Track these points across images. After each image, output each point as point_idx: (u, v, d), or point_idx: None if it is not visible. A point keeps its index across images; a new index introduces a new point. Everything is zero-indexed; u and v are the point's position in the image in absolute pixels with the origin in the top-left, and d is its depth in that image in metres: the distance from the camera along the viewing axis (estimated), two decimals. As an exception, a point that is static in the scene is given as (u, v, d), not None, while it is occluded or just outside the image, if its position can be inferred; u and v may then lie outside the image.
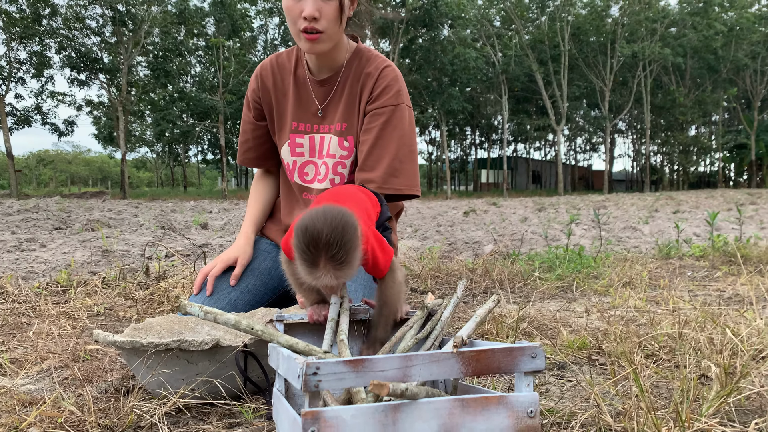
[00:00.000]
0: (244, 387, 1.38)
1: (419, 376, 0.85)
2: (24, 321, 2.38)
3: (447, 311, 1.20)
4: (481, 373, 0.88)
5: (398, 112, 1.78)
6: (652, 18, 39.67)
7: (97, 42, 30.77)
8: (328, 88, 1.86)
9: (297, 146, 1.89)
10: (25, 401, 1.40)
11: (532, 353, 0.90)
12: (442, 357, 0.86)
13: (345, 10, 1.70)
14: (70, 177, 68.30)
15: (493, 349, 0.89)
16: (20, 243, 5.41)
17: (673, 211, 12.94)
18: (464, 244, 5.94)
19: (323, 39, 1.69)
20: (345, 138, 1.84)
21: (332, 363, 0.82)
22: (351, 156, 1.85)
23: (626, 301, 2.57)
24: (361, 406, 0.83)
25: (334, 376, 0.81)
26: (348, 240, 1.05)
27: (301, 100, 1.89)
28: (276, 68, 1.93)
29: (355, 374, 0.82)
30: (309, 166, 1.91)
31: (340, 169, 1.86)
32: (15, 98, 30.83)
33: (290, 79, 1.90)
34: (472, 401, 0.85)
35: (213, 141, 43.15)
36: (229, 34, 33.24)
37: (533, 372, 0.90)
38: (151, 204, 17.70)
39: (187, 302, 1.15)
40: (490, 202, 20.39)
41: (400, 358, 0.85)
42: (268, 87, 1.93)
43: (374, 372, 0.83)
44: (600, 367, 1.62)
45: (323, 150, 1.87)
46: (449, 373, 0.86)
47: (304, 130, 1.89)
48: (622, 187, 65.32)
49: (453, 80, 35.92)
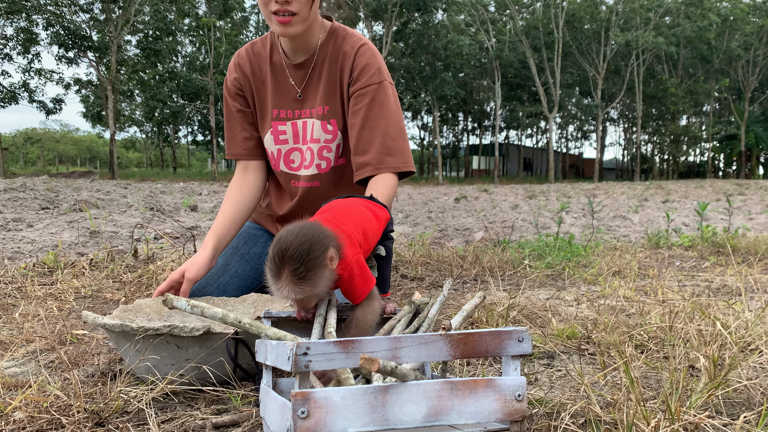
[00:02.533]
0: (233, 373, 1.37)
1: (408, 357, 0.85)
2: (10, 302, 2.35)
3: (434, 309, 1.20)
4: (469, 356, 0.88)
5: (382, 90, 1.74)
6: (647, 6, 39.61)
7: (86, 19, 30.28)
8: (305, 71, 1.82)
9: (280, 134, 1.86)
10: (10, 384, 1.39)
11: (519, 337, 0.91)
12: (431, 339, 0.86)
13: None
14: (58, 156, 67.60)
15: (480, 332, 0.89)
16: (6, 223, 5.35)
17: (662, 200, 13.01)
18: (455, 230, 5.94)
19: (296, 21, 1.64)
20: (328, 121, 1.80)
21: (322, 343, 0.81)
22: (336, 139, 1.82)
23: (615, 290, 2.58)
24: (351, 387, 0.82)
25: (324, 356, 0.81)
26: (312, 259, 1.09)
27: (279, 86, 1.84)
28: (252, 56, 1.88)
29: (345, 355, 0.82)
30: (294, 153, 1.87)
31: (325, 153, 1.83)
32: (1, 75, 30.35)
33: (267, 67, 1.86)
34: (460, 384, 0.85)
35: (203, 122, 42.76)
36: (220, 14, 32.83)
37: (520, 355, 0.91)
38: (140, 185, 17.56)
39: (174, 296, 1.14)
40: (481, 189, 20.42)
41: (389, 339, 0.85)
42: (247, 75, 1.87)
43: (364, 352, 0.82)
44: (589, 356, 1.63)
45: (306, 135, 1.83)
46: (438, 355, 0.86)
47: (286, 117, 1.85)
48: (612, 175, 65.65)
49: (446, 65, 35.76)
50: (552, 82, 38.71)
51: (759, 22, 41.93)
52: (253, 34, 39.06)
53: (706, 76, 46.14)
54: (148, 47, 31.07)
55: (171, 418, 1.21)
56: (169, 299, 1.13)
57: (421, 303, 1.27)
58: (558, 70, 38.31)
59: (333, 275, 1.15)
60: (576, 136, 67.47)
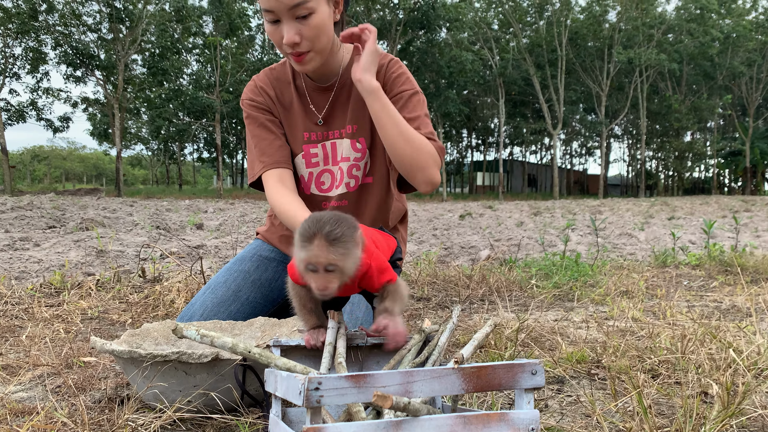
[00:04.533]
0: (240, 400, 1.36)
1: (421, 392, 0.84)
2: (17, 324, 2.35)
3: (444, 336, 1.19)
4: (482, 389, 0.88)
5: (413, 96, 1.76)
6: (649, 24, 39.84)
7: (94, 39, 30.66)
8: (329, 93, 1.82)
9: (312, 156, 1.84)
10: (17, 410, 1.38)
11: (532, 370, 0.90)
12: (444, 373, 0.86)
13: (328, 21, 1.64)
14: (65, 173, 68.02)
15: (493, 366, 0.88)
16: (13, 242, 5.37)
17: (668, 217, 12.97)
18: (460, 248, 5.93)
19: (310, 58, 1.65)
20: (357, 140, 1.81)
21: (334, 378, 0.81)
22: (364, 158, 1.83)
23: (624, 311, 2.56)
24: (363, 422, 0.81)
25: (336, 391, 0.81)
26: (347, 227, 1.10)
27: (306, 110, 1.85)
28: (274, 81, 1.87)
29: (356, 389, 0.81)
30: (325, 175, 1.86)
31: (354, 171, 1.83)
32: (10, 93, 30.69)
33: (291, 90, 1.86)
34: (473, 418, 0.84)
35: (209, 139, 43.03)
36: (226, 33, 33.18)
37: (534, 389, 0.90)
38: (146, 202, 17.62)
39: (183, 325, 1.14)
40: (485, 206, 20.41)
41: (401, 373, 0.84)
42: (272, 100, 1.86)
43: (376, 387, 0.82)
44: (600, 381, 1.61)
45: (337, 156, 1.84)
46: (450, 389, 0.86)
47: (317, 139, 1.84)
48: (617, 191, 65.57)
49: (450, 83, 35.97)
50: (556, 99, 38.86)
51: (762, 39, 42.09)
52: (258, 53, 39.42)
53: (710, 92, 46.24)
54: (154, 66, 31.39)
55: (179, 446, 1.20)
56: (178, 329, 1.13)
57: (431, 331, 1.26)
58: (561, 87, 38.49)
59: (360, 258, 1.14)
60: (580, 153, 67.58)
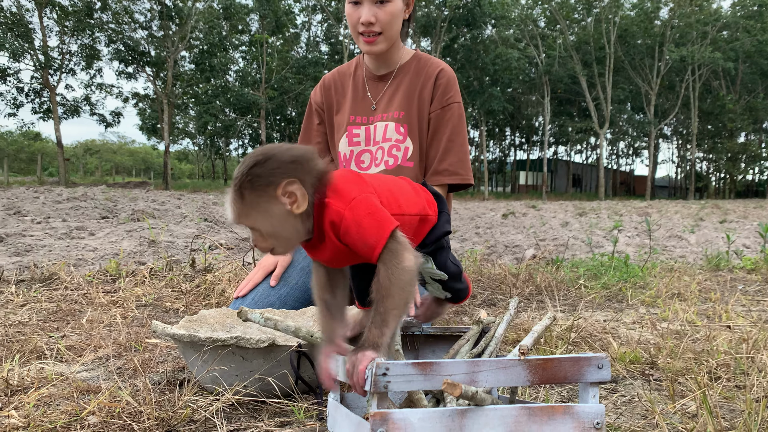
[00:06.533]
0: (295, 386, 1.39)
1: (486, 381, 0.85)
2: (77, 308, 2.44)
3: (501, 328, 1.19)
4: (548, 382, 0.87)
5: (459, 110, 1.94)
6: (703, 21, 38.53)
7: (145, 36, 31.51)
8: (385, 82, 2.00)
9: (354, 136, 1.99)
10: (82, 389, 1.44)
11: (599, 364, 0.89)
12: (510, 364, 0.86)
13: (399, 14, 1.85)
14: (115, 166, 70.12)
15: (560, 358, 0.88)
16: (70, 231, 5.57)
17: (719, 220, 12.56)
18: (504, 247, 5.87)
19: (380, 41, 1.86)
20: (401, 125, 1.94)
21: (401, 365, 0.82)
22: (405, 141, 1.95)
23: (676, 313, 2.49)
24: (429, 409, 0.83)
25: (403, 377, 0.82)
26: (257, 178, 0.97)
27: (357, 96, 2.02)
28: (337, 76, 2.10)
29: (423, 377, 0.82)
30: (365, 155, 2.00)
31: (394, 151, 1.95)
32: (65, 89, 31.86)
33: (349, 81, 2.05)
34: (538, 410, 0.84)
35: (254, 135, 43.72)
36: (272, 30, 33.62)
37: (599, 383, 0.89)
38: (192, 195, 18.03)
39: (248, 309, 1.16)
40: (529, 205, 20.14)
41: (468, 363, 0.84)
42: (330, 92, 2.07)
43: (442, 375, 0.82)
44: (655, 382, 1.58)
45: (377, 137, 1.98)
46: (516, 380, 0.85)
47: (361, 122, 2.00)
48: (664, 193, 63.77)
49: (494, 80, 35.59)
50: (603, 98, 38.01)
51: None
52: (304, 50, 39.81)
53: (767, 92, 44.44)
54: (202, 62, 32.06)
55: (237, 428, 1.23)
56: (243, 311, 1.15)
57: (489, 323, 1.26)
58: (609, 85, 37.61)
59: (291, 217, 0.97)
60: (627, 153, 65.95)
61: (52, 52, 28.18)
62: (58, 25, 28.47)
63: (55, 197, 11.08)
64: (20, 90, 29.22)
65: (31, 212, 7.73)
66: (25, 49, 27.04)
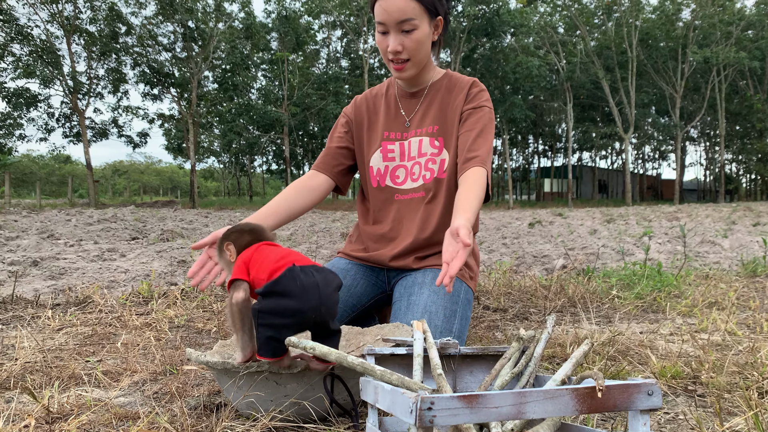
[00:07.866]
0: (330, 409, 1.38)
1: (534, 413, 0.83)
2: (111, 331, 2.47)
3: (539, 347, 1.17)
4: (597, 411, 0.85)
5: (490, 114, 1.97)
6: (727, 21, 37.94)
7: (169, 58, 32.16)
8: (417, 99, 2.04)
9: (389, 152, 2.03)
10: (120, 415, 1.45)
11: (649, 390, 0.87)
12: (557, 394, 0.84)
13: (427, 39, 1.88)
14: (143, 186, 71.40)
15: (608, 386, 0.85)
16: (102, 252, 5.67)
17: (752, 223, 12.26)
18: (533, 258, 5.81)
19: (408, 67, 1.91)
20: (436, 138, 1.98)
21: (446, 398, 0.80)
22: (441, 154, 1.98)
23: (715, 323, 2.43)
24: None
25: (449, 411, 0.80)
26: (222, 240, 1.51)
27: (390, 114, 2.06)
28: (369, 96, 2.14)
29: (469, 410, 0.80)
30: (399, 170, 2.03)
31: (430, 165, 1.99)
32: (94, 112, 32.65)
33: (381, 101, 2.10)
34: (590, 440, 0.82)
35: (277, 152, 44.13)
36: (293, 48, 34.04)
37: (650, 410, 0.86)
38: (219, 213, 18.24)
39: (295, 339, 1.16)
40: (555, 213, 19.93)
41: (514, 394, 0.82)
42: (362, 111, 2.11)
43: (488, 408, 0.81)
44: (698, 398, 1.53)
45: (413, 152, 2.01)
46: (564, 410, 0.83)
47: (395, 138, 2.04)
48: (693, 197, 62.65)
49: (515, 88, 35.46)
50: (626, 102, 37.59)
51: None
52: (324, 66, 40.19)
53: (796, 90, 43.49)
54: (225, 81, 32.57)
55: (274, 454, 1.23)
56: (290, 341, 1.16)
57: (529, 337, 1.24)
58: (632, 89, 37.19)
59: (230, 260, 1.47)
60: (653, 157, 65.03)
61: (80, 77, 28.92)
62: (86, 51, 29.23)
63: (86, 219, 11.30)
64: (51, 115, 30.01)
65: (63, 235, 7.90)
66: (54, 75, 27.80)
